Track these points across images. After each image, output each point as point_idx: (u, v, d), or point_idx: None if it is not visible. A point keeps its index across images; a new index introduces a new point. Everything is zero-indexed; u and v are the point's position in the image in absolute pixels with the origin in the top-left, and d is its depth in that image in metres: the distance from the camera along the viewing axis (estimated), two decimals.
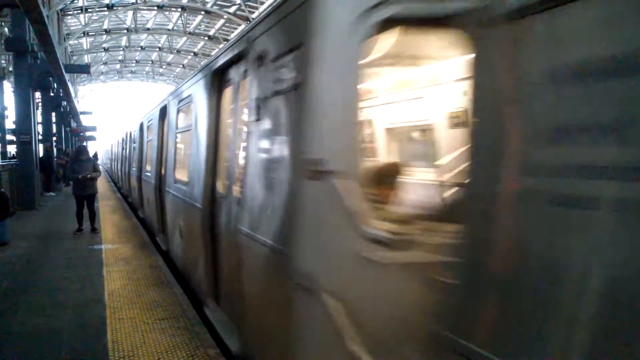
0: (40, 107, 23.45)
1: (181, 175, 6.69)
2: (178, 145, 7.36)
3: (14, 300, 5.92)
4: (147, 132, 11.63)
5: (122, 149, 20.16)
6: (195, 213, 5.35)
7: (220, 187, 4.80)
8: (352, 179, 2.22)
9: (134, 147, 14.68)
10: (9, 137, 27.70)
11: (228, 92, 4.73)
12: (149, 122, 11.07)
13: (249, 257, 3.52)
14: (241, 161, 4.12)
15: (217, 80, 4.92)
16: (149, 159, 11.05)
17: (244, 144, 3.95)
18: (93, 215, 10.72)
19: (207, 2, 32.84)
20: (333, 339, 2.07)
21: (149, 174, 10.38)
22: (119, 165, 22.37)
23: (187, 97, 6.35)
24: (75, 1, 29.99)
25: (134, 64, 53.27)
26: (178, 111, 7.27)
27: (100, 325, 4.97)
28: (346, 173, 2.23)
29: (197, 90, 5.68)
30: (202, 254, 5.11)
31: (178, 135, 7.27)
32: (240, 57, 4.03)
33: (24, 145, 15.45)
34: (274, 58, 3.12)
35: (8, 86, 28.44)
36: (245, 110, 3.85)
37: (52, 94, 23.65)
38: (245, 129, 3.83)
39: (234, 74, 4.42)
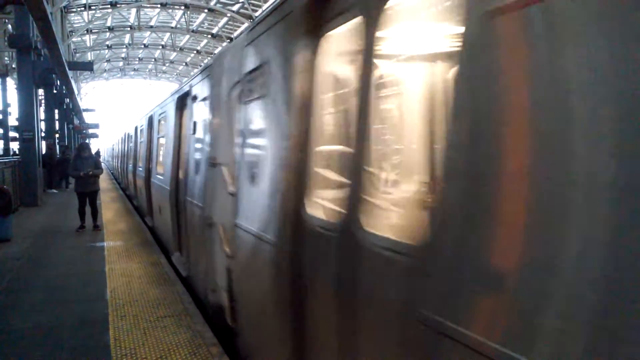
0: (43, 104, 23.51)
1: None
2: (212, 140, 5.30)
3: (15, 296, 5.92)
4: (158, 127, 9.87)
5: (126, 146, 18.48)
6: (258, 247, 3.41)
7: (317, 210, 2.71)
8: None
9: (140, 143, 13.12)
10: (12, 134, 27.78)
11: (339, 38, 2.65)
12: (161, 114, 9.26)
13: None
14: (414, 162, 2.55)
15: (313, 18, 2.70)
16: (160, 158, 9.29)
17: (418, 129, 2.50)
18: (95, 213, 10.71)
19: (210, 0, 32.83)
20: None
21: (160, 177, 8.70)
22: (123, 164, 20.84)
23: (261, 63, 3.64)
24: None
25: (136, 62, 53.32)
26: (215, 91, 4.94)
27: (102, 323, 4.95)
28: None
29: (273, 46, 3.32)
30: (278, 318, 3.06)
31: (216, 126, 5.08)
32: None
33: (27, 142, 15.46)
34: None
35: (11, 83, 28.51)
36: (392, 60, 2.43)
37: (55, 91, 23.66)
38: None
39: None
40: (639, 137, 1.05)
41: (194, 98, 6.09)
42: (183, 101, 7.06)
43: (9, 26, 24.96)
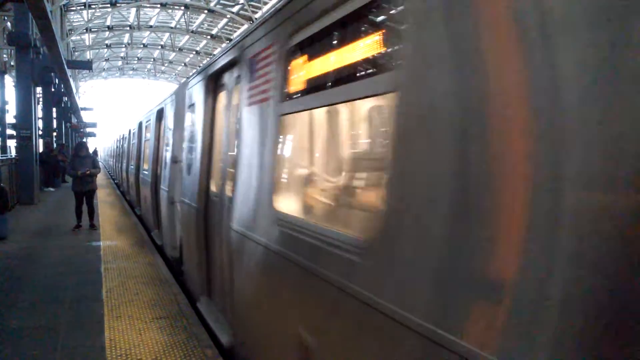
0: (41, 102, 23.46)
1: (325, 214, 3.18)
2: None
3: (10, 296, 5.89)
4: (166, 122, 7.98)
5: (129, 145, 15.47)
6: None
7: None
8: None
9: (145, 141, 11.18)
10: (9, 131, 27.69)
11: None
12: (181, 103, 6.79)
13: None
14: None
15: None
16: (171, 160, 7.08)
17: None
18: (92, 212, 10.69)
19: (210, 1, 32.85)
20: None
21: (187, 194, 5.81)
22: (123, 165, 17.59)
23: None
24: None
25: (135, 61, 53.30)
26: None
27: (97, 323, 4.93)
28: None
29: None
30: None
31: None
32: None
33: (24, 140, 15.43)
34: None
35: (9, 80, 28.42)
36: None
37: (53, 90, 23.62)
38: None
39: None
40: None
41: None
42: (218, 81, 4.89)
43: (8, 23, 24.93)
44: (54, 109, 25.38)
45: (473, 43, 1.52)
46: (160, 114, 9.10)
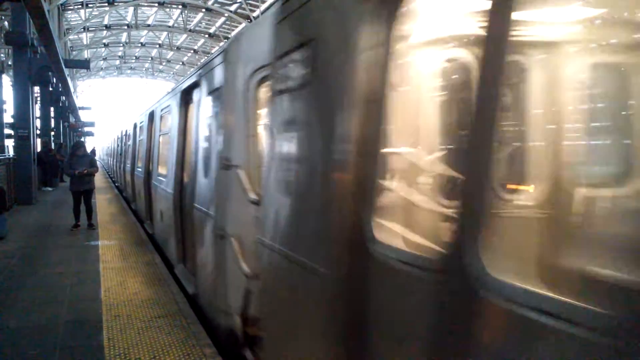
0: (39, 102, 23.42)
1: None
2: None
3: (9, 295, 5.90)
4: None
5: (140, 139, 11.90)
6: None
7: None
8: None
9: (158, 136, 8.88)
10: (7, 131, 27.64)
11: None
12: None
13: None
14: None
15: None
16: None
17: None
18: (90, 211, 10.69)
19: (208, 0, 32.81)
20: None
21: (281, 235, 2.97)
22: (129, 168, 14.14)
23: None
24: None
25: (133, 60, 53.24)
26: None
27: (96, 323, 4.95)
28: None
29: None
30: None
31: None
32: None
33: (22, 140, 15.40)
34: None
35: (7, 80, 28.38)
36: None
37: (51, 89, 23.57)
38: None
39: None
40: None
41: None
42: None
43: (6, 23, 24.88)
44: (52, 108, 25.32)
45: None
46: (186, 96, 6.48)
